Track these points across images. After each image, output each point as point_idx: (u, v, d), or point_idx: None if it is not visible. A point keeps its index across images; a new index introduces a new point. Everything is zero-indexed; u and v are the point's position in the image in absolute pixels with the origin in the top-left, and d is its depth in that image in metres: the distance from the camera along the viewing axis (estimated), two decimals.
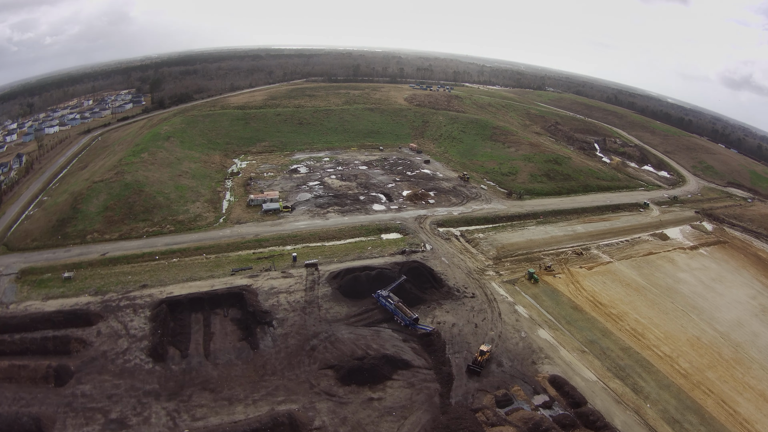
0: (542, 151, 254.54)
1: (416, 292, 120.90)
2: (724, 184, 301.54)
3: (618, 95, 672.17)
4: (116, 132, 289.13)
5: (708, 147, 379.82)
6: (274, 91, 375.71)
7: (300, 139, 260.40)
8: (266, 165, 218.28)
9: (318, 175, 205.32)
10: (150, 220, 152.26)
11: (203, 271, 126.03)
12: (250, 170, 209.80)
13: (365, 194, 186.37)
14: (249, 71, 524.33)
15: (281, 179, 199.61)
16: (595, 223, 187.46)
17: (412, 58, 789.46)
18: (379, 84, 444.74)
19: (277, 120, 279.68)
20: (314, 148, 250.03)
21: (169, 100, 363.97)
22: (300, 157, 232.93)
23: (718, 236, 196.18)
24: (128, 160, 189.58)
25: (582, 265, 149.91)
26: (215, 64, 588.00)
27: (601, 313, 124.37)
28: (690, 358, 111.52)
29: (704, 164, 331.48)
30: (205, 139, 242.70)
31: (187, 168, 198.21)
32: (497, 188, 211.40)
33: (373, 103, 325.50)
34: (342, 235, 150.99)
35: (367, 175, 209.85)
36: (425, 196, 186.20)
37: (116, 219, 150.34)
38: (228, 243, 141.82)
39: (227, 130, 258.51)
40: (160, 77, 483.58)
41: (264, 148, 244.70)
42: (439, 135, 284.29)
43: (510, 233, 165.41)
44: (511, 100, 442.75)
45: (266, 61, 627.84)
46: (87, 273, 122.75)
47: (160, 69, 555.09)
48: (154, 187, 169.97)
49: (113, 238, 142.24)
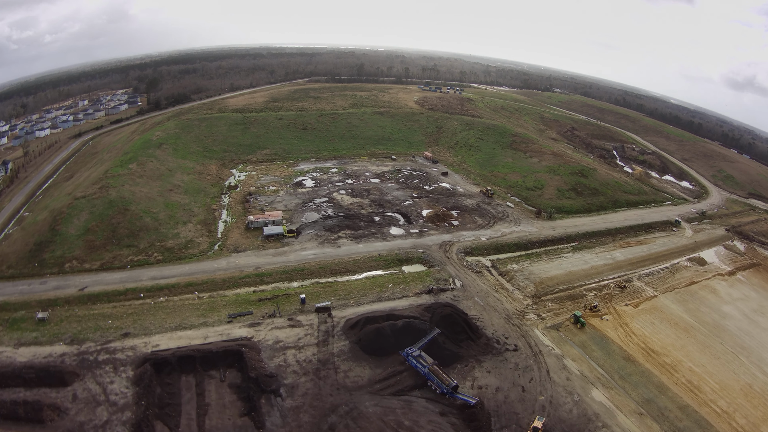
0: (566, 162, 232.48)
1: (450, 347, 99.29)
2: (746, 195, 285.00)
3: (626, 97, 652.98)
4: (107, 136, 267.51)
5: (725, 154, 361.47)
6: (275, 92, 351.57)
7: (304, 146, 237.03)
8: (267, 177, 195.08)
9: (326, 190, 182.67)
10: (135, 246, 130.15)
11: (195, 316, 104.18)
12: (249, 183, 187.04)
13: (380, 214, 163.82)
14: (250, 70, 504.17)
15: (284, 194, 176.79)
16: (632, 247, 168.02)
17: (415, 58, 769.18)
18: (386, 85, 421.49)
19: (280, 125, 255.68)
20: (320, 157, 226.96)
21: (165, 100, 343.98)
22: (305, 168, 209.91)
23: (751, 257, 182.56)
24: (115, 172, 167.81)
25: (627, 302, 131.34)
26: (215, 63, 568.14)
27: (655, 364, 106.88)
28: (746, 411, 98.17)
29: (723, 173, 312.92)
30: (201, 146, 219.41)
31: (179, 181, 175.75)
32: (524, 205, 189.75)
33: (382, 107, 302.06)
34: (357, 267, 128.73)
35: (381, 190, 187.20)
36: (448, 217, 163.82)
37: (98, 244, 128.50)
38: (224, 278, 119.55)
39: (225, 135, 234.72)
40: (158, 76, 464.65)
41: (265, 156, 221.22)
42: (454, 142, 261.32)
43: (546, 263, 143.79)
44: (523, 102, 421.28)
45: (267, 60, 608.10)
46: (63, 313, 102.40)
47: (158, 68, 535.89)
48: (141, 204, 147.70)
49: (93, 268, 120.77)
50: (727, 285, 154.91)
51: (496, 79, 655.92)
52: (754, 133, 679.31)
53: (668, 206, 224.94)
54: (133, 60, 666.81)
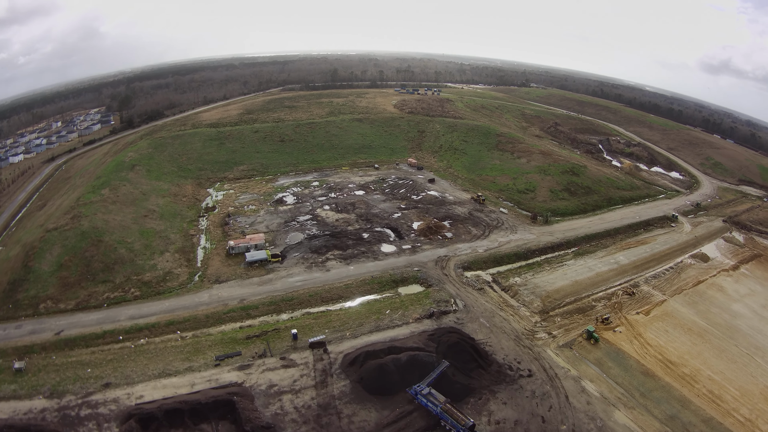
0: (556, 161, 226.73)
1: (461, 379, 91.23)
2: (736, 182, 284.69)
3: (603, 88, 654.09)
4: (80, 159, 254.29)
5: (710, 141, 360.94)
6: (249, 103, 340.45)
7: (283, 159, 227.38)
8: (246, 195, 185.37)
9: (309, 206, 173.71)
10: (111, 281, 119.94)
11: (179, 360, 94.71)
12: (227, 203, 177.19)
13: (369, 230, 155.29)
14: (223, 82, 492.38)
15: (265, 214, 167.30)
16: (634, 248, 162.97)
17: (388, 60, 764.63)
18: (362, 90, 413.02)
19: (255, 138, 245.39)
20: (300, 170, 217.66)
21: (138, 118, 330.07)
22: (285, 183, 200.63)
23: (752, 248, 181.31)
24: (87, 199, 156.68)
25: (638, 310, 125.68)
26: (188, 76, 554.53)
27: (674, 376, 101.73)
28: None
29: (711, 161, 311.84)
30: (175, 165, 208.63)
31: (154, 205, 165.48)
32: (518, 210, 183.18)
33: (360, 113, 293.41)
34: (350, 293, 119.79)
35: (366, 202, 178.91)
36: (440, 228, 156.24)
37: (72, 281, 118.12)
38: (207, 314, 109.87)
39: (199, 153, 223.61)
40: (131, 93, 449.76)
41: (242, 172, 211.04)
42: (438, 146, 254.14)
43: (550, 274, 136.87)
44: (503, 100, 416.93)
45: (240, 71, 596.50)
46: (41, 362, 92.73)
47: (131, 84, 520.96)
48: (115, 234, 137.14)
49: (69, 308, 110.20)
50: (732, 281, 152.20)
51: (471, 78, 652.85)
52: (733, 116, 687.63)
53: (662, 200, 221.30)
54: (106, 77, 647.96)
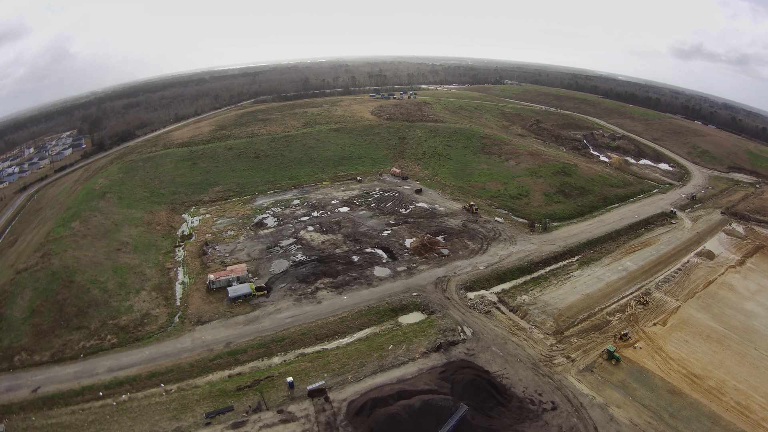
0: (546, 162, 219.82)
1: (481, 422, 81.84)
2: (726, 169, 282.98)
3: (577, 80, 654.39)
4: (52, 188, 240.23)
5: (694, 128, 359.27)
6: (221, 118, 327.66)
7: (260, 177, 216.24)
8: (224, 219, 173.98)
9: (291, 229, 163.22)
10: (86, 327, 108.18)
11: (166, 419, 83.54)
12: (204, 229, 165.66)
13: (359, 252, 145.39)
14: (194, 97, 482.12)
15: (245, 239, 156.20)
16: (639, 251, 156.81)
17: (359, 65, 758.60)
18: (336, 97, 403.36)
19: (230, 156, 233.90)
20: (278, 188, 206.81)
21: (109, 140, 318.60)
22: (264, 203, 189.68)
23: (753, 240, 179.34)
24: (57, 234, 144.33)
25: (654, 320, 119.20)
26: (158, 93, 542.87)
27: (701, 390, 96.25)
28: None
29: (698, 149, 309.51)
30: (147, 190, 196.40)
31: (126, 236, 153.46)
32: (513, 218, 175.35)
33: (337, 122, 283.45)
34: (346, 327, 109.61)
35: (353, 220, 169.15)
36: (435, 245, 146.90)
37: (45, 328, 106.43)
38: (191, 362, 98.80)
39: (172, 175, 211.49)
40: (102, 114, 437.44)
41: (218, 194, 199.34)
42: (421, 153, 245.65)
43: (558, 288, 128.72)
44: (480, 99, 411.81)
45: (211, 85, 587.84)
46: (20, 424, 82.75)
47: (102, 104, 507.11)
48: (87, 273, 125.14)
49: (44, 360, 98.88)
50: (741, 278, 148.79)
51: (444, 78, 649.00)
52: (709, 100, 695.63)
53: (657, 195, 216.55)
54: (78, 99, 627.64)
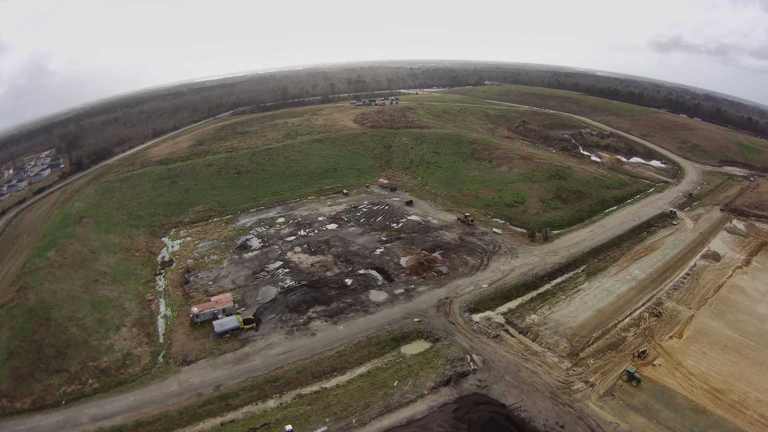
0: (539, 165, 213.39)
1: None
2: (718, 163, 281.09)
3: (558, 78, 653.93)
4: (30, 212, 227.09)
5: (682, 122, 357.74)
6: (200, 132, 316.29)
7: (241, 194, 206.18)
8: (206, 242, 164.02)
9: (277, 251, 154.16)
10: (66, 370, 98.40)
11: None
12: (185, 254, 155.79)
13: (351, 274, 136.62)
14: (172, 111, 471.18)
15: (229, 264, 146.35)
16: (645, 257, 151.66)
17: (337, 71, 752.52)
18: (316, 106, 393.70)
19: (209, 173, 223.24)
20: (261, 205, 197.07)
21: (87, 159, 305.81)
22: (247, 222, 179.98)
23: (756, 236, 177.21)
24: (32, 264, 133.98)
25: (670, 333, 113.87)
26: (137, 108, 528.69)
27: (724, 406, 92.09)
28: None
29: (689, 143, 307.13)
30: (125, 213, 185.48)
31: (104, 265, 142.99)
32: (511, 227, 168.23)
33: (319, 132, 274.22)
34: (345, 362, 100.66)
35: (342, 238, 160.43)
36: (432, 263, 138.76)
37: (24, 372, 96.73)
38: (179, 409, 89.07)
39: (150, 196, 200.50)
40: (80, 132, 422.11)
41: (199, 214, 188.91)
42: (409, 161, 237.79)
43: (567, 305, 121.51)
44: (462, 102, 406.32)
45: (189, 97, 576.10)
46: None
47: (81, 121, 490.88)
48: (64, 309, 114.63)
49: (25, 407, 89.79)
50: (749, 279, 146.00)
51: (424, 82, 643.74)
52: (690, 91, 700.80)
53: (654, 194, 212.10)
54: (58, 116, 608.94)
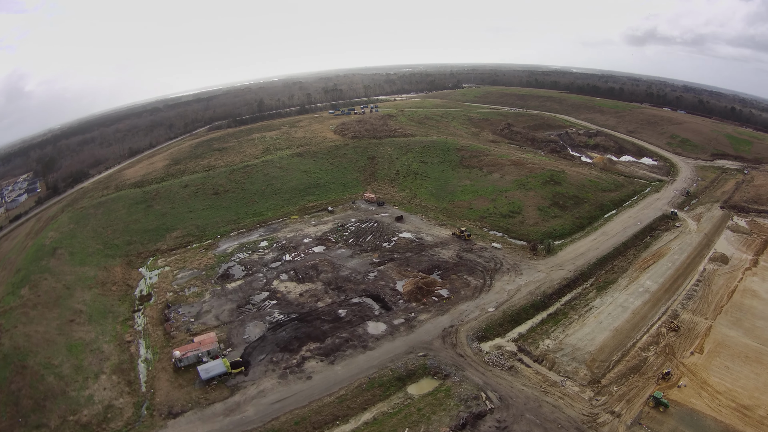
0: (531, 171, 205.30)
1: None
2: (710, 157, 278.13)
3: (536, 77, 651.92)
4: (6, 241, 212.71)
5: (668, 117, 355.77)
6: (176, 150, 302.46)
7: (220, 216, 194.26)
8: (185, 272, 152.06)
9: (262, 279, 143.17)
10: (45, 425, 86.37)
11: None
12: (164, 287, 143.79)
13: (345, 304, 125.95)
14: (149, 128, 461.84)
15: (211, 297, 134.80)
16: (654, 265, 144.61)
17: (312, 81, 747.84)
18: (294, 117, 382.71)
19: (186, 194, 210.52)
20: (242, 227, 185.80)
21: (63, 182, 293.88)
22: (228, 248, 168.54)
23: (759, 233, 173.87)
24: (6, 304, 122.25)
25: (691, 348, 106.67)
26: (113, 127, 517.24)
27: (753, 423, 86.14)
28: None
29: (678, 138, 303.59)
30: (101, 242, 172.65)
31: (80, 303, 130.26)
32: (510, 240, 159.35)
33: (299, 146, 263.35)
34: (347, 409, 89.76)
35: (331, 262, 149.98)
36: (431, 286, 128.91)
37: (4, 426, 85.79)
38: None
39: (126, 221, 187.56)
40: (56, 154, 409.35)
41: (177, 241, 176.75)
42: (395, 173, 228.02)
43: (582, 326, 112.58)
44: (443, 107, 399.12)
45: (165, 113, 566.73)
46: None
47: (58, 143, 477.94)
48: (40, 355, 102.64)
49: None
50: (760, 280, 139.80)
51: (401, 87, 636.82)
52: (668, 83, 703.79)
53: (651, 194, 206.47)
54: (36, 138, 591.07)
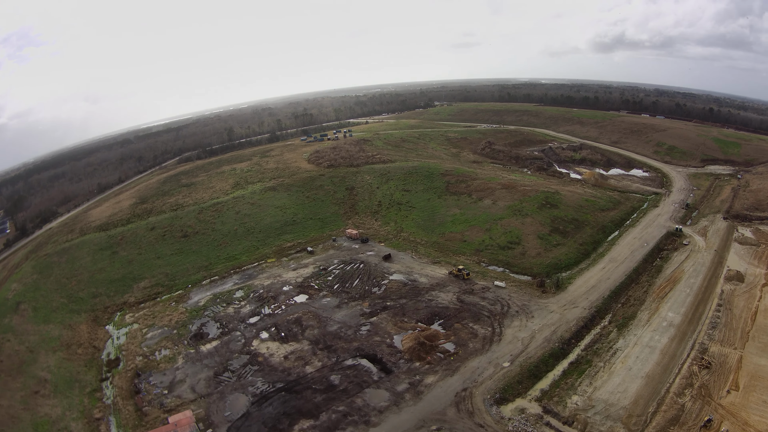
0: (524, 194, 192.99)
1: None
2: (700, 163, 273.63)
3: (509, 91, 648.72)
4: None
5: (650, 124, 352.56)
6: (143, 186, 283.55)
7: (190, 262, 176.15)
8: (155, 331, 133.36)
9: (240, 339, 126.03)
10: None
11: None
12: (133, 349, 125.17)
13: (337, 367, 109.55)
14: (118, 161, 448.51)
15: (185, 362, 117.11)
16: (671, 293, 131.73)
17: (282, 106, 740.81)
18: (265, 146, 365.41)
19: (153, 238, 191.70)
20: (215, 274, 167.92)
21: (31, 223, 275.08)
22: (200, 299, 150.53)
23: (766, 243, 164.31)
24: None
25: (727, 387, 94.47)
26: (84, 160, 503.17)
27: None
28: None
29: (664, 146, 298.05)
30: (65, 295, 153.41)
31: (45, 369, 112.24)
32: (513, 276, 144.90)
33: (271, 178, 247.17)
34: None
35: (316, 314, 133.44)
36: (434, 340, 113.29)
37: None
38: None
39: (90, 270, 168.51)
40: (27, 190, 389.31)
41: (145, 292, 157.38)
42: (377, 204, 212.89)
43: (609, 374, 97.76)
44: (419, 127, 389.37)
45: (135, 146, 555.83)
46: None
47: (30, 178, 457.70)
48: None
49: None
50: None
51: (373, 109, 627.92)
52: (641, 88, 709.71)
53: (651, 210, 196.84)
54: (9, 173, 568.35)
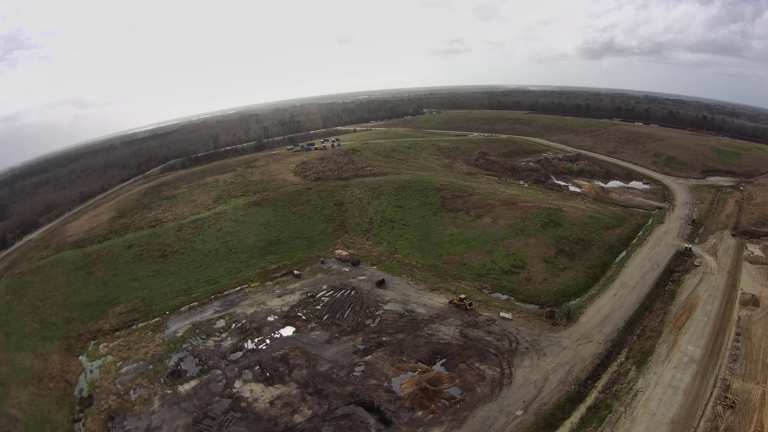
0: (526, 211, 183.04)
1: None
2: (700, 175, 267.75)
3: (498, 99, 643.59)
4: None
5: (647, 133, 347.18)
6: (123, 198, 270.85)
7: (168, 285, 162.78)
8: (130, 365, 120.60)
9: (221, 380, 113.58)
10: None
11: None
12: (107, 386, 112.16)
13: (330, 417, 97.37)
14: (102, 168, 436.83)
15: (161, 405, 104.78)
16: (687, 323, 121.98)
17: (269, 112, 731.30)
18: (251, 156, 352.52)
19: (130, 257, 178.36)
20: (194, 300, 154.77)
21: (11, 233, 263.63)
22: (178, 329, 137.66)
23: None
24: None
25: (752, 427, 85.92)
26: (68, 167, 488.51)
27: None
28: None
29: (663, 156, 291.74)
30: (37, 319, 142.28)
31: (15, 406, 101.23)
32: (518, 304, 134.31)
33: (255, 192, 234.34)
34: None
35: (305, 351, 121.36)
36: (437, 384, 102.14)
37: None
38: None
39: (64, 293, 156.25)
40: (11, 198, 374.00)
41: (120, 318, 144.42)
42: (368, 221, 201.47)
43: (632, 421, 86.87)
44: (409, 136, 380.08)
45: (121, 152, 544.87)
46: None
47: (15, 185, 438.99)
48: None
49: None
50: None
51: (361, 116, 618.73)
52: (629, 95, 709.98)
53: (657, 227, 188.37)
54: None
